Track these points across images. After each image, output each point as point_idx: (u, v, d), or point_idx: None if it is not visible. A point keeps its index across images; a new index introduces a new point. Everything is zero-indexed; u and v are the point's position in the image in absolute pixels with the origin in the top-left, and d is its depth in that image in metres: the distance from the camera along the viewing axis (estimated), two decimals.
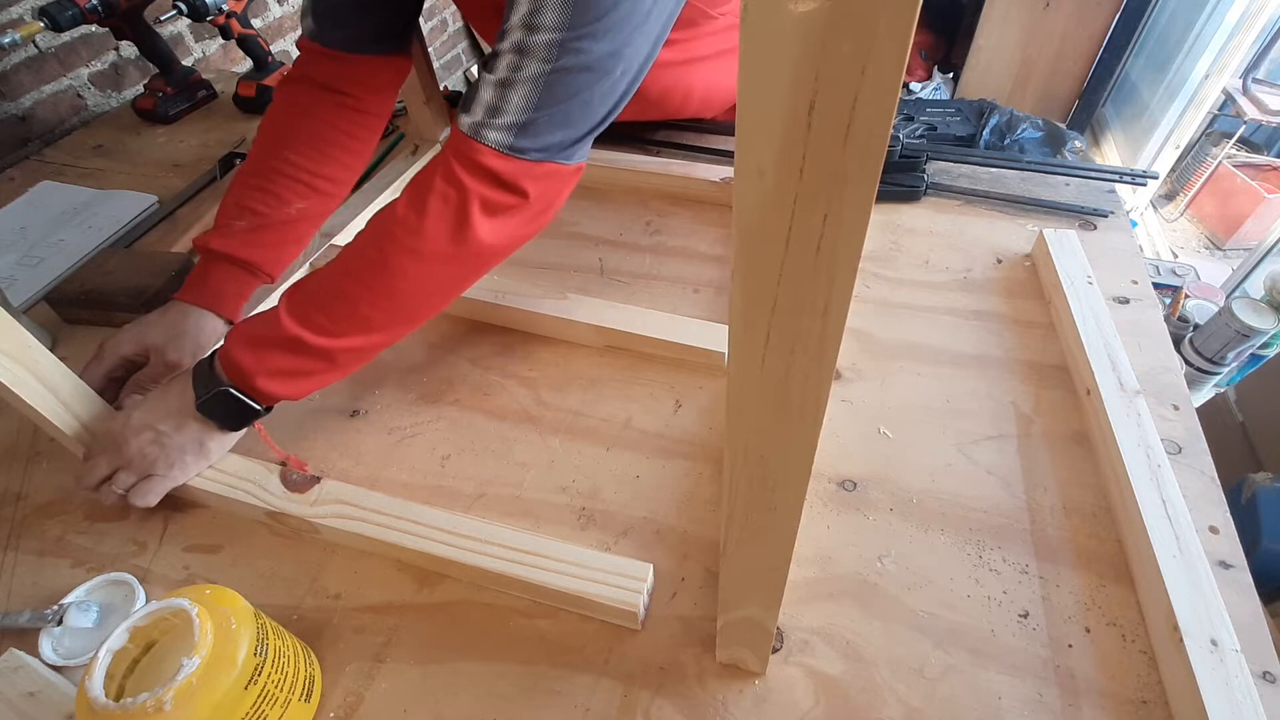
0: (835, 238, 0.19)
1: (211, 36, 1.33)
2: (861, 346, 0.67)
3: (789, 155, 0.17)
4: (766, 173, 0.18)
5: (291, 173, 0.65)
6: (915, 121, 1.62)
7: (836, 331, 0.21)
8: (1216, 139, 2.32)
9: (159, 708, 0.34)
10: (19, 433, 0.63)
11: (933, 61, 2.85)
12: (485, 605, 0.50)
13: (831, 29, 0.15)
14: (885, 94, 0.15)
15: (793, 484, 0.28)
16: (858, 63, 0.15)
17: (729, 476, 0.29)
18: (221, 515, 0.56)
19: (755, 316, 0.22)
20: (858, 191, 0.17)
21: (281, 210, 0.64)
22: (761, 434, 0.26)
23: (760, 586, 0.37)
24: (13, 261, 0.81)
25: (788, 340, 0.22)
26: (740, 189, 0.18)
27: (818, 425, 0.25)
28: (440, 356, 0.68)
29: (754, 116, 0.17)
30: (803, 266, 0.20)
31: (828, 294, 0.20)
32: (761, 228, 0.19)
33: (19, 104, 1.05)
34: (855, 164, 0.17)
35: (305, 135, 0.66)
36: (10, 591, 0.52)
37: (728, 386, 0.25)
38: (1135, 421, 0.55)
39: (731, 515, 0.32)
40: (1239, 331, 1.40)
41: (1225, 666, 0.42)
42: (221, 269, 0.63)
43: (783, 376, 0.24)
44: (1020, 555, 0.51)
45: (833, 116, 0.16)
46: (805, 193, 0.18)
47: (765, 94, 0.16)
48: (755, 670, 0.46)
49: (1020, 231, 0.79)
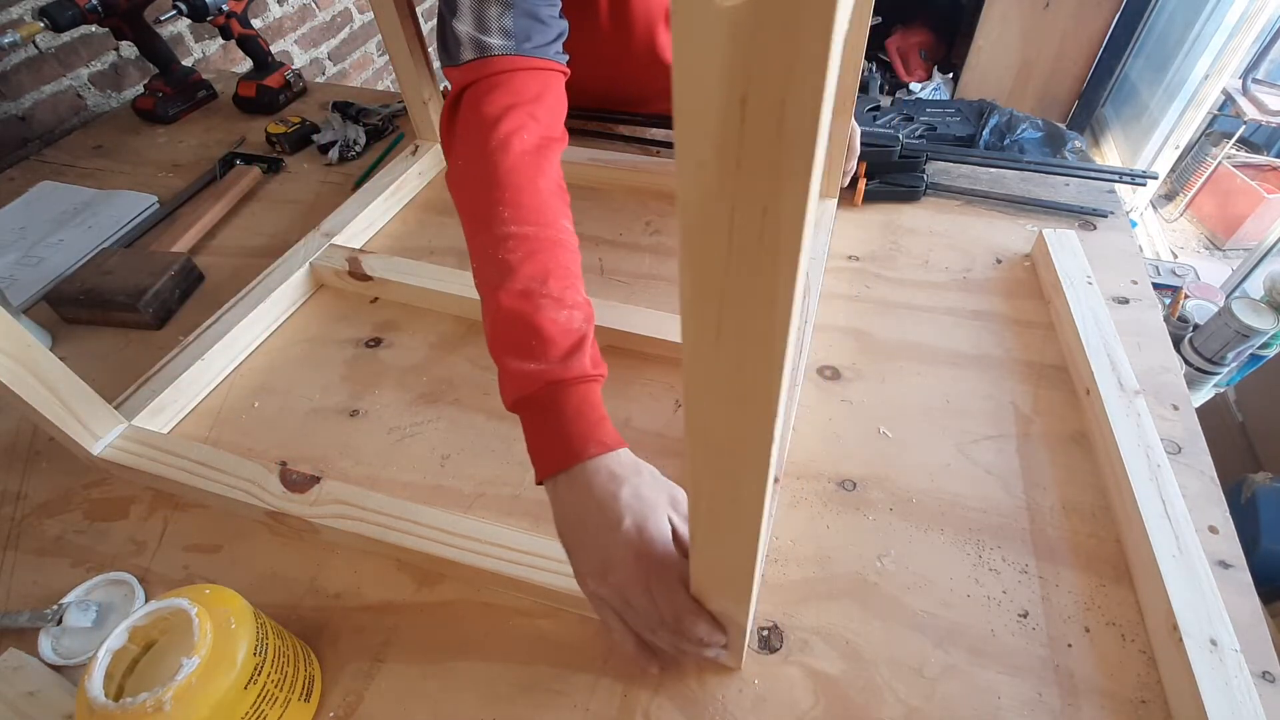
0: (777, 230, 0.19)
1: (211, 37, 1.33)
2: (861, 346, 0.67)
3: (726, 148, 0.17)
4: (706, 165, 0.18)
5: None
6: (915, 121, 1.62)
7: (785, 324, 0.21)
8: (1216, 139, 2.32)
9: (158, 707, 0.34)
10: (19, 433, 0.63)
11: (933, 61, 2.85)
12: (485, 605, 0.50)
13: (758, 24, 0.15)
14: (813, 89, 0.16)
15: (753, 477, 0.28)
16: (785, 58, 0.15)
17: (691, 470, 0.29)
18: (221, 515, 0.56)
19: (705, 308, 0.22)
20: (795, 185, 0.18)
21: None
22: (719, 426, 0.26)
23: (730, 581, 0.36)
24: (13, 261, 0.81)
25: (738, 332, 0.22)
26: (682, 182, 0.19)
27: (773, 417, 0.25)
28: (440, 356, 0.68)
29: (690, 110, 0.17)
30: (747, 259, 0.20)
31: (773, 286, 0.20)
32: (704, 220, 0.19)
33: (19, 104, 1.05)
34: (790, 158, 0.17)
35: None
36: (10, 591, 0.52)
37: (684, 379, 0.25)
38: (1135, 421, 0.55)
39: (696, 509, 0.32)
40: (1239, 331, 1.40)
41: (1225, 666, 0.42)
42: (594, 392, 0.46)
43: (736, 368, 0.24)
44: (1020, 555, 0.51)
45: (765, 110, 0.16)
46: (744, 185, 0.18)
47: (699, 88, 0.16)
48: (732, 666, 0.46)
49: (1020, 231, 0.79)
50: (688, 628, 0.39)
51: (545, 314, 0.45)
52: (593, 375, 0.45)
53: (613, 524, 0.40)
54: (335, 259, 0.74)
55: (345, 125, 0.98)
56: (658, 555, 0.39)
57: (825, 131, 0.17)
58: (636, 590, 0.39)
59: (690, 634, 0.39)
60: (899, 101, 2.44)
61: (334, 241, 0.77)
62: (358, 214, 0.80)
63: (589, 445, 0.42)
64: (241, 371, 0.68)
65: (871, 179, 0.83)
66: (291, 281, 0.72)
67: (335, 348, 0.70)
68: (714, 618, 0.40)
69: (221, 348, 0.66)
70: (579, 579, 0.42)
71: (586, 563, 0.41)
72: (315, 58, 1.62)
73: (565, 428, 0.43)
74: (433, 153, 0.91)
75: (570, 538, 0.42)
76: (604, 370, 0.46)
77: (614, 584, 0.40)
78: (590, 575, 0.41)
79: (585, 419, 0.43)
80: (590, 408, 0.44)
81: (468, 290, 0.70)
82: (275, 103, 1.07)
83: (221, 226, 0.86)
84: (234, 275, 0.78)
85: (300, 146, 0.99)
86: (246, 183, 0.90)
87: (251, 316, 0.69)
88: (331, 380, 0.66)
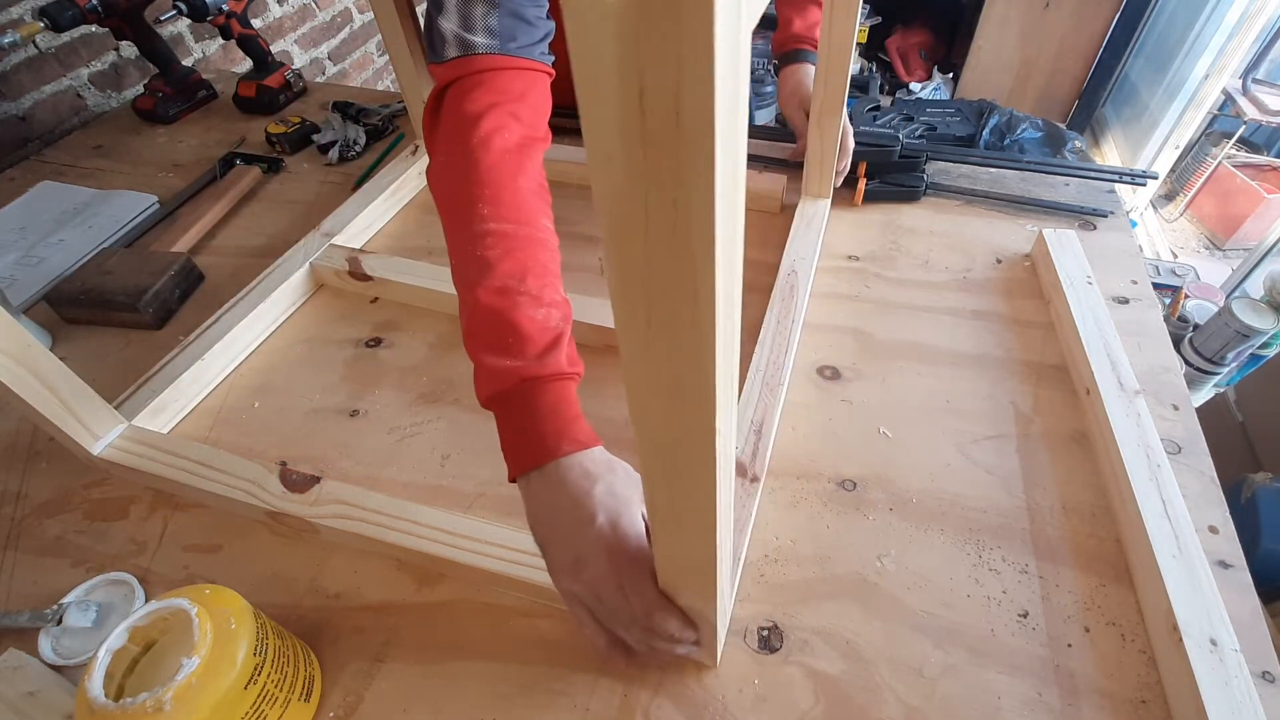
0: (689, 222, 0.19)
1: (211, 37, 1.33)
2: (861, 346, 0.67)
3: (630, 142, 0.18)
4: (614, 159, 0.18)
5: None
6: (915, 122, 1.62)
7: (710, 316, 0.21)
8: (1216, 139, 2.32)
9: (158, 707, 0.34)
10: (19, 433, 0.63)
11: (932, 61, 2.85)
12: (485, 605, 0.50)
13: (644, 19, 0.15)
14: (703, 81, 0.16)
15: (700, 469, 0.28)
16: (673, 51, 0.15)
17: (643, 464, 0.29)
18: (221, 515, 0.56)
19: (632, 301, 0.22)
20: (699, 176, 0.18)
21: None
22: (660, 419, 0.26)
23: (693, 575, 0.36)
24: (13, 261, 0.81)
25: (665, 324, 0.22)
26: (594, 176, 0.19)
27: (711, 410, 0.25)
28: (440, 356, 0.68)
29: (593, 104, 0.17)
30: (665, 251, 0.20)
31: (693, 279, 0.20)
32: (621, 213, 0.20)
33: (19, 104, 1.05)
34: (690, 150, 0.17)
35: None
36: (10, 591, 0.52)
37: (623, 372, 0.25)
38: (1135, 421, 0.55)
39: (653, 503, 0.32)
40: (1239, 331, 1.40)
41: (1225, 666, 0.42)
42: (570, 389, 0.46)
43: (667, 360, 0.24)
44: (1020, 555, 0.51)
45: (662, 103, 0.16)
46: (653, 178, 0.18)
47: (598, 83, 0.17)
48: (707, 663, 0.46)
49: (1020, 231, 0.79)
50: (658, 624, 0.39)
51: (522, 311, 0.45)
52: (568, 373, 0.45)
53: (585, 520, 0.40)
54: (335, 259, 0.74)
55: (345, 125, 0.98)
56: (630, 552, 0.39)
57: (728, 122, 0.17)
58: (609, 587, 0.39)
59: (661, 630, 0.39)
60: (899, 101, 2.44)
61: (334, 241, 0.77)
62: (358, 214, 0.80)
63: (563, 442, 0.42)
64: (241, 371, 0.68)
65: (871, 179, 0.83)
66: (291, 281, 0.72)
67: (335, 348, 0.70)
68: (685, 614, 0.40)
69: (221, 348, 0.66)
70: (552, 575, 0.42)
71: (559, 559, 0.41)
72: (315, 58, 1.62)
73: (539, 425, 0.43)
74: None
75: (542, 534, 0.42)
76: (580, 369, 0.46)
77: (586, 580, 0.40)
78: (563, 572, 0.41)
79: (560, 416, 0.43)
80: (565, 405, 0.44)
81: None
82: (275, 103, 1.07)
83: (221, 226, 0.86)
84: (234, 275, 0.78)
85: (300, 146, 0.99)
86: (246, 183, 0.90)
87: (251, 316, 0.69)
88: (331, 380, 0.66)
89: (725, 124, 0.17)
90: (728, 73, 0.16)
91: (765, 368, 0.62)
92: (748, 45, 0.18)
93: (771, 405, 0.60)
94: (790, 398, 0.63)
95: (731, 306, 0.23)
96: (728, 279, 0.21)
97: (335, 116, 1.00)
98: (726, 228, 0.20)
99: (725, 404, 0.26)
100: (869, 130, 0.83)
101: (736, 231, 0.21)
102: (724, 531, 0.33)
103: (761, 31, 2.74)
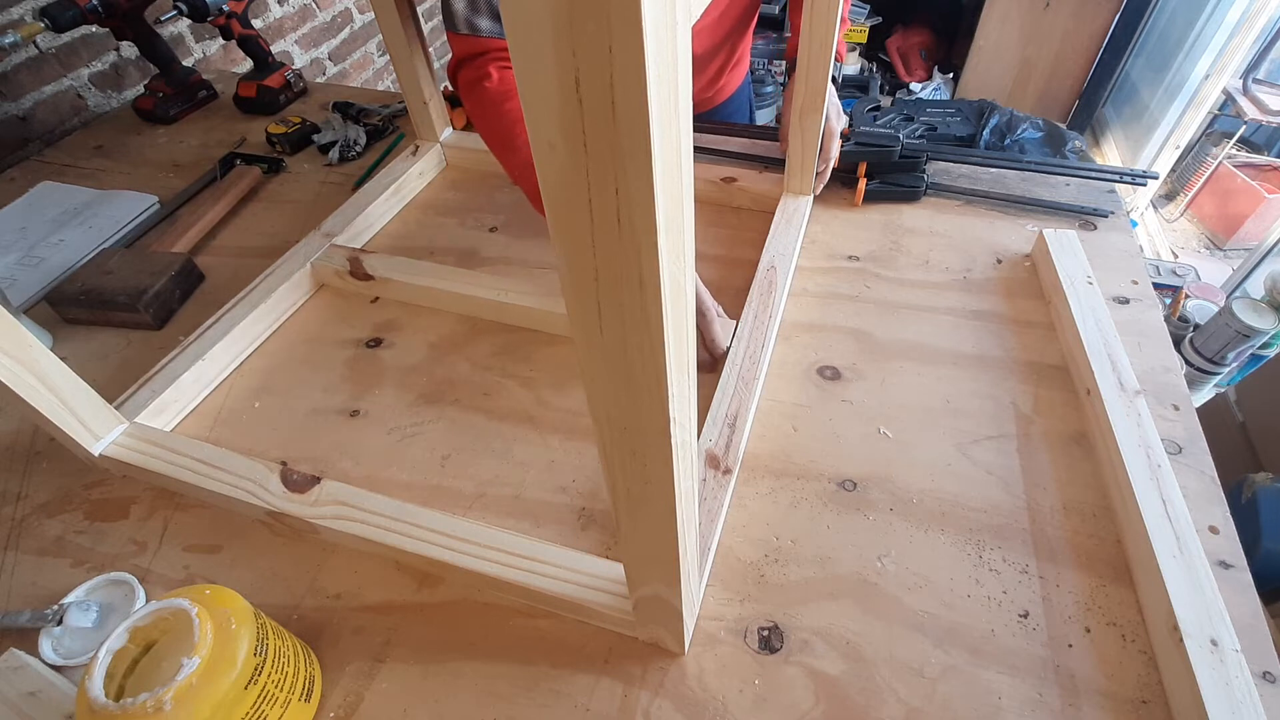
0: (631, 209, 0.19)
1: (212, 37, 1.33)
2: (861, 346, 0.67)
3: (570, 130, 0.18)
4: (557, 147, 0.19)
5: None
6: (915, 122, 1.62)
7: (657, 304, 0.22)
8: (1216, 139, 2.32)
9: (159, 708, 0.34)
10: (19, 433, 0.63)
11: (933, 61, 2.85)
12: (485, 605, 0.50)
13: (575, 9, 0.15)
14: (634, 70, 0.16)
15: (657, 455, 0.28)
16: (603, 41, 0.16)
17: (603, 450, 0.30)
18: (221, 515, 0.56)
19: (582, 289, 0.23)
20: (638, 165, 0.18)
21: None
22: (616, 406, 0.27)
23: (656, 562, 0.37)
24: (13, 261, 0.81)
25: (615, 312, 0.23)
26: (539, 164, 0.19)
27: (664, 396, 0.25)
28: (440, 356, 0.68)
29: (533, 92, 0.18)
30: (610, 239, 0.20)
31: (638, 266, 0.21)
32: (567, 201, 0.20)
33: (19, 104, 1.05)
34: (628, 138, 0.18)
35: None
36: (10, 591, 0.52)
37: (578, 360, 0.26)
38: (1135, 421, 0.55)
39: (615, 490, 0.32)
40: (1239, 331, 1.40)
41: (1225, 666, 0.42)
42: None
43: (620, 348, 0.24)
44: (1020, 555, 0.51)
45: (597, 92, 0.17)
46: (594, 166, 0.19)
47: (536, 71, 0.17)
48: (674, 650, 0.46)
49: (1020, 231, 0.79)
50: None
51: None
52: None
53: None
54: (336, 259, 0.74)
55: (345, 125, 0.98)
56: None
57: (664, 110, 0.17)
58: None
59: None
60: (899, 101, 2.44)
61: (334, 241, 0.77)
62: (358, 214, 0.80)
63: None
64: (242, 372, 0.68)
65: (872, 179, 0.83)
66: (292, 281, 0.72)
67: (335, 348, 0.70)
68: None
69: (222, 348, 0.66)
70: None
71: None
72: (316, 58, 1.62)
73: None
74: (433, 152, 0.91)
75: None
76: None
77: None
78: None
79: None
80: None
81: (468, 290, 0.70)
82: (276, 103, 1.07)
83: (222, 227, 0.86)
84: (234, 275, 0.78)
85: (301, 147, 0.99)
86: (247, 183, 0.90)
87: (252, 317, 0.69)
88: (332, 380, 0.66)
89: (661, 112, 0.17)
90: (663, 62, 0.16)
91: (741, 362, 0.63)
92: (687, 35, 0.18)
93: (747, 399, 0.60)
94: (790, 398, 0.63)
95: (681, 294, 0.23)
96: (675, 266, 0.22)
97: (335, 117, 1.00)
98: (671, 215, 0.20)
99: (680, 393, 0.26)
100: (869, 130, 0.83)
101: (684, 219, 0.22)
102: (686, 520, 0.34)
103: (762, 31, 2.75)
